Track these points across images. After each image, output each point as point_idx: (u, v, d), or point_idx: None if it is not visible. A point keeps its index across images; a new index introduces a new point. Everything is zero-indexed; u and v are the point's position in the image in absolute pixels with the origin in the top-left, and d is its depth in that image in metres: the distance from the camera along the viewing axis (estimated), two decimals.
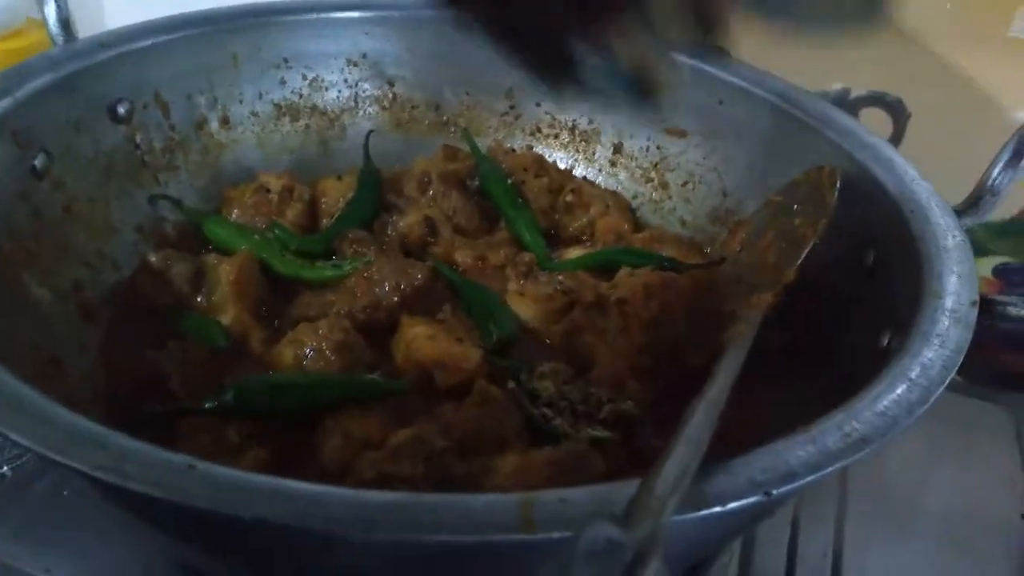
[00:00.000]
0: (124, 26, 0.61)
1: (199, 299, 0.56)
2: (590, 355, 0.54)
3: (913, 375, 0.36)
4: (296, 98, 0.71)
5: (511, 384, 0.51)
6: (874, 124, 0.79)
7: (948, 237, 0.46)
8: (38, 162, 0.53)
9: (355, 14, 0.70)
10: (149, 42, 0.61)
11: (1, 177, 0.50)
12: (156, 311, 0.56)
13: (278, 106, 0.70)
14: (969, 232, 0.53)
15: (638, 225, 0.69)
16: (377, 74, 0.73)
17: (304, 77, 0.70)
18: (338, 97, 0.73)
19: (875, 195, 0.52)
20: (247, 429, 0.46)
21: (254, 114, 0.69)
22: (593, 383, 0.52)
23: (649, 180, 0.72)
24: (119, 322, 0.55)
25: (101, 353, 0.52)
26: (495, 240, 0.65)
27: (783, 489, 0.29)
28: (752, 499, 0.29)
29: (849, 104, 0.80)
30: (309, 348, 0.50)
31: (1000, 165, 0.51)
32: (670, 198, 0.71)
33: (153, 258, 0.56)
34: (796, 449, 0.31)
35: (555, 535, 0.27)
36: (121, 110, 0.59)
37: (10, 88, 0.51)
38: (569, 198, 0.69)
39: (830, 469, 0.31)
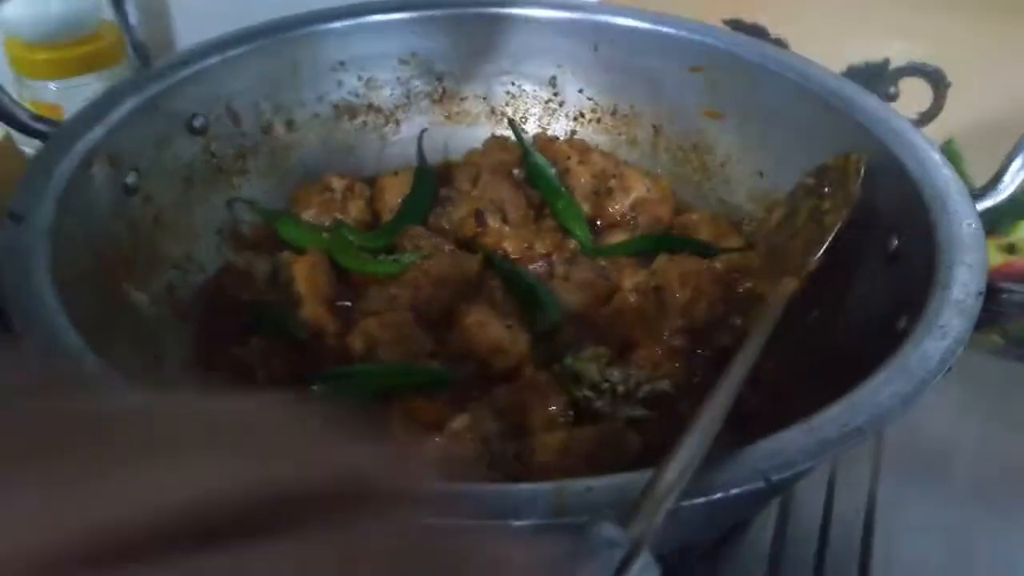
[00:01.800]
0: (194, 45, 0.66)
1: (278, 294, 0.62)
2: (630, 338, 0.59)
3: (911, 366, 0.39)
4: (353, 98, 0.76)
5: (557, 367, 0.56)
6: (915, 94, 0.80)
7: (963, 225, 0.48)
8: (129, 180, 0.59)
9: (402, 15, 0.74)
10: (218, 59, 0.66)
11: (99, 196, 0.56)
12: (241, 307, 0.62)
13: (337, 107, 0.75)
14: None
15: (679, 207, 0.73)
16: (427, 71, 0.77)
17: (359, 78, 0.75)
18: (391, 94, 0.77)
19: (899, 181, 0.55)
20: None
21: (315, 116, 0.74)
22: (633, 365, 0.57)
23: (688, 162, 0.75)
24: (208, 319, 0.62)
25: (195, 349, 0.59)
26: (542, 228, 0.69)
27: (782, 476, 0.34)
28: (754, 486, 0.34)
29: (889, 75, 0.81)
30: (376, 339, 0.56)
31: (1021, 149, 0.53)
32: (709, 179, 0.74)
33: (235, 259, 0.63)
34: (796, 439, 0.35)
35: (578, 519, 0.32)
36: (197, 123, 0.65)
37: (101, 116, 0.57)
38: (611, 183, 0.73)
39: (826, 457, 0.35)
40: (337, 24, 0.72)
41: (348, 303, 0.62)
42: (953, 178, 0.53)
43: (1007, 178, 0.53)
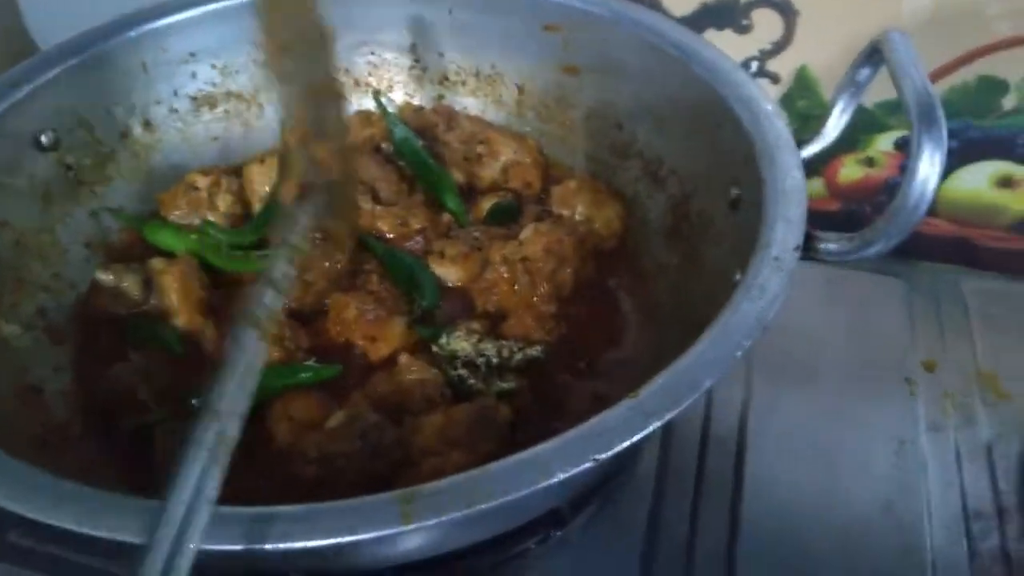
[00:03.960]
0: (27, 60, 0.64)
1: (152, 303, 0.63)
2: (504, 308, 0.62)
3: (729, 330, 0.43)
4: (210, 87, 0.75)
5: (434, 348, 0.59)
6: (767, 24, 0.83)
7: (787, 178, 0.51)
8: None
9: None
10: (57, 70, 0.64)
11: None
12: (116, 322, 0.63)
13: (194, 99, 0.74)
14: (862, 111, 0.55)
15: (550, 166, 0.75)
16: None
17: (214, 66, 0.74)
18: (250, 78, 0.76)
19: (736, 133, 0.58)
20: None
21: (173, 111, 0.73)
22: (507, 335, 0.60)
23: (553, 118, 0.76)
24: (86, 339, 0.62)
25: (74, 372, 0.60)
26: (414, 202, 0.71)
27: (610, 453, 0.37)
28: (586, 465, 0.37)
29: (741, 8, 0.83)
30: None
31: (840, 94, 0.56)
32: (573, 134, 0.76)
33: (101, 276, 0.63)
34: (621, 417, 0.39)
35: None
36: (45, 140, 0.64)
37: None
38: (480, 148, 0.74)
39: (648, 430, 0.38)
40: (181, 16, 0.71)
41: (224, 304, 0.63)
42: (783, 130, 0.56)
43: (831, 123, 0.56)
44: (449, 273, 0.65)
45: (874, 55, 0.53)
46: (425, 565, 0.57)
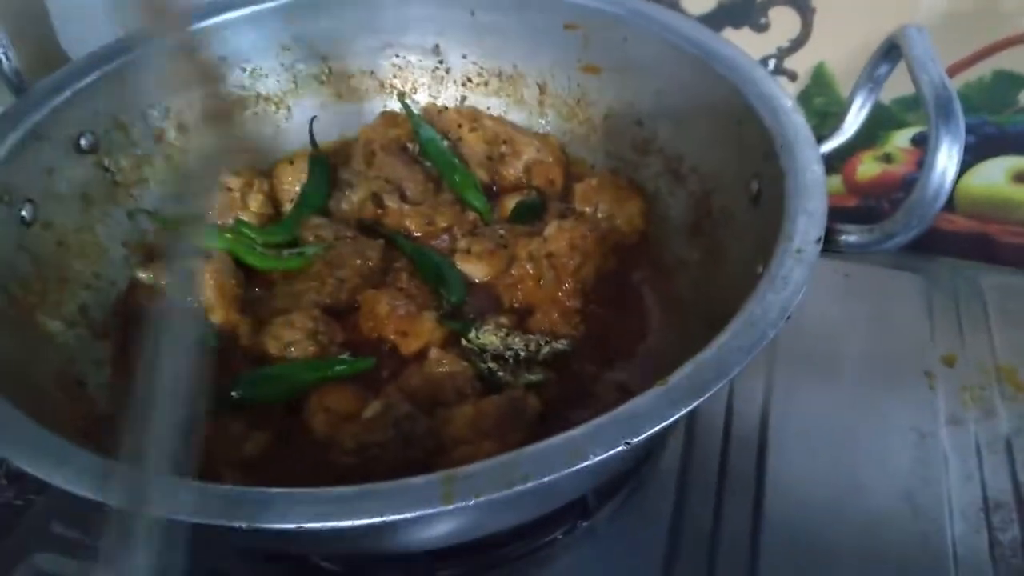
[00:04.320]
0: (68, 65, 0.66)
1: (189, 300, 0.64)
2: (530, 303, 0.63)
3: (755, 319, 0.44)
4: (240, 90, 0.77)
5: (464, 342, 0.60)
6: (784, 22, 0.84)
7: (807, 172, 0.53)
8: (25, 212, 0.60)
9: (276, 3, 0.75)
10: (96, 74, 0.66)
11: None
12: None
13: None
14: (880, 108, 0.56)
15: (571, 164, 0.76)
16: (310, 53, 0.78)
17: (243, 70, 0.76)
18: (278, 81, 0.78)
19: (756, 129, 0.59)
20: (248, 418, 0.56)
21: None
22: (533, 329, 0.61)
23: (574, 116, 0.78)
24: (125, 334, 0.64)
25: (114, 366, 0.62)
26: (441, 201, 0.72)
27: (641, 437, 0.39)
28: (618, 448, 0.39)
29: (758, 6, 0.84)
30: (287, 339, 0.59)
31: (859, 90, 0.57)
32: (595, 132, 0.77)
33: (141, 274, 0.65)
34: (650, 403, 0.40)
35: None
36: (84, 143, 0.66)
37: None
38: (503, 148, 0.75)
39: (676, 416, 0.40)
40: (212, 21, 0.73)
41: (258, 301, 0.65)
42: (802, 125, 0.57)
43: (849, 119, 0.57)
44: (475, 269, 0.66)
45: (891, 51, 0.54)
46: (454, 553, 0.59)
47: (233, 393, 0.56)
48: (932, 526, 0.60)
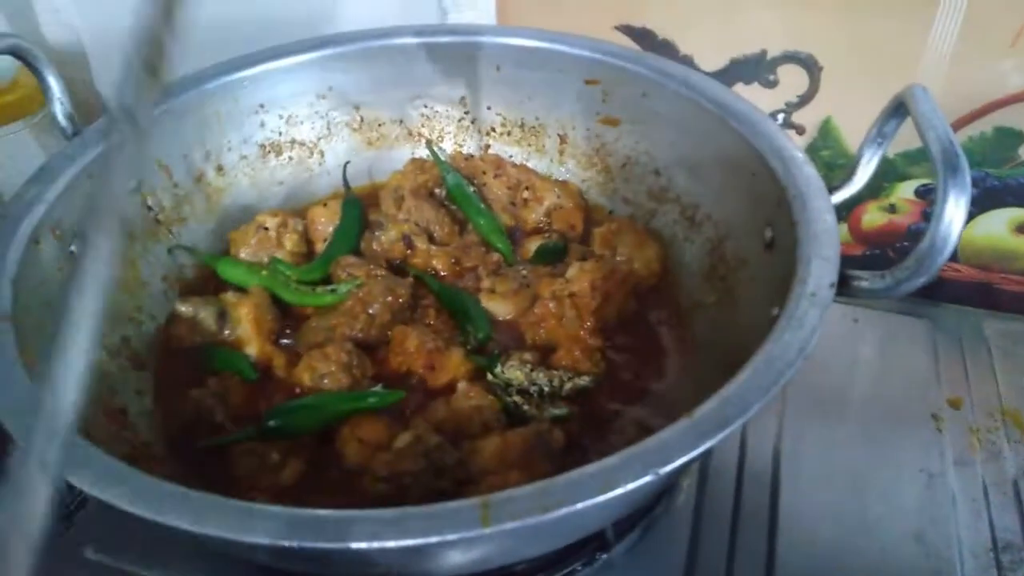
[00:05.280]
0: None
1: (226, 333, 0.67)
2: (553, 341, 0.66)
3: (774, 357, 0.47)
4: (276, 136, 0.81)
5: (489, 377, 0.63)
6: (793, 79, 0.88)
7: (820, 221, 0.56)
8: (74, 247, 0.63)
9: (314, 54, 0.79)
10: None
11: (49, 269, 0.60)
12: (191, 350, 0.67)
13: (262, 146, 0.80)
14: (885, 161, 0.60)
15: (590, 210, 0.80)
16: (344, 102, 0.82)
17: (280, 116, 0.80)
18: (313, 128, 0.82)
19: (768, 180, 0.62)
20: (283, 446, 0.58)
21: (243, 157, 0.79)
22: (555, 365, 0.64)
23: (593, 165, 0.82)
24: (164, 365, 0.67)
25: (155, 395, 0.64)
26: (466, 243, 0.76)
27: (669, 467, 0.41)
28: (648, 478, 0.41)
29: (767, 63, 0.89)
30: (322, 371, 0.61)
31: (868, 144, 0.60)
32: (612, 180, 0.81)
33: (181, 308, 0.68)
34: (678, 435, 0.43)
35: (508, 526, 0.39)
36: (131, 183, 0.69)
37: (41, 192, 0.62)
38: (525, 194, 0.79)
39: (703, 447, 0.42)
40: (253, 70, 0.77)
41: (291, 336, 0.68)
42: (814, 176, 0.60)
43: (859, 172, 0.61)
44: (499, 308, 0.69)
45: (899, 108, 0.57)
46: None
47: (270, 423, 0.58)
48: (944, 565, 0.62)
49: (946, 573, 0.62)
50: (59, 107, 0.68)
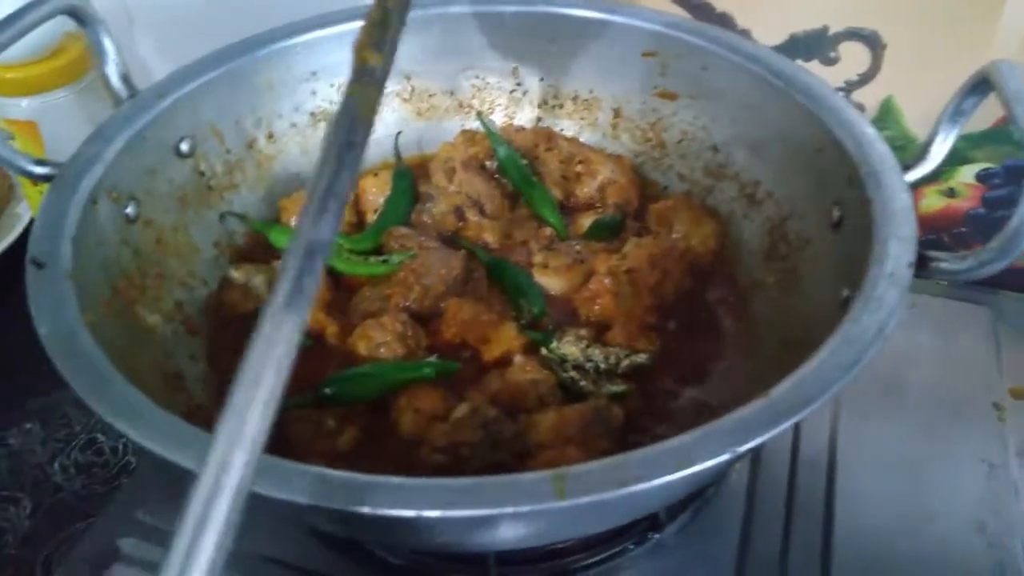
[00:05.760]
0: (172, 73, 0.69)
1: None
2: (608, 317, 0.65)
3: (852, 338, 0.45)
4: (327, 104, 0.79)
5: (544, 351, 0.62)
6: (854, 56, 0.86)
7: (896, 200, 0.54)
8: (130, 209, 0.63)
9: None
10: (197, 83, 0.69)
11: (106, 230, 0.60)
12: (244, 316, 0.67)
13: (313, 114, 0.79)
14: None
15: (644, 186, 0.78)
16: (395, 71, 0.80)
17: (332, 85, 0.79)
18: None
19: (838, 157, 0.60)
20: (339, 413, 0.58)
21: (293, 125, 0.78)
22: (611, 342, 0.63)
23: (648, 140, 0.80)
24: (216, 331, 0.66)
25: (208, 360, 0.64)
26: (517, 217, 0.74)
27: (747, 446, 0.40)
28: (725, 456, 0.40)
29: (829, 40, 0.86)
30: (377, 341, 0.61)
31: (944, 121, 0.58)
32: (668, 155, 0.79)
33: (234, 274, 0.67)
34: (757, 412, 0.41)
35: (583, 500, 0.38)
36: (184, 147, 0.69)
37: (98, 154, 0.61)
38: (578, 168, 0.77)
39: (781, 427, 0.41)
40: (306, 36, 0.76)
41: (343, 304, 0.67)
42: (887, 153, 0.58)
43: (933, 150, 0.59)
44: (552, 283, 0.68)
45: (980, 84, 0.55)
46: (522, 559, 0.61)
47: (326, 390, 0.58)
48: (1006, 555, 0.61)
49: (1009, 563, 0.61)
50: (114, 69, 0.67)
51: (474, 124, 0.82)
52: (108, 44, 0.67)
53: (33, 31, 0.81)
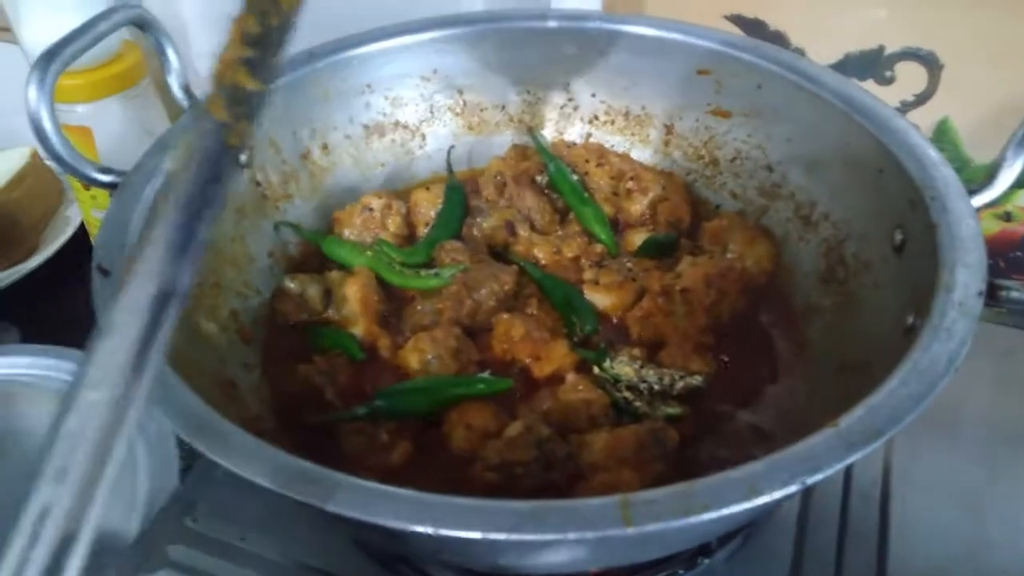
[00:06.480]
0: None
1: (331, 312, 0.67)
2: (661, 337, 0.64)
3: (922, 368, 0.44)
4: (381, 117, 0.80)
5: (596, 371, 0.61)
6: (910, 76, 0.85)
7: (963, 225, 0.53)
8: None
9: (423, 36, 0.78)
10: None
11: None
12: (296, 326, 0.68)
13: (366, 127, 0.80)
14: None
15: (695, 204, 0.78)
16: (448, 85, 0.81)
17: (385, 98, 0.79)
18: (416, 110, 0.82)
19: (899, 179, 0.59)
20: (391, 427, 0.58)
21: (347, 137, 0.79)
22: (664, 362, 0.62)
23: (700, 158, 0.80)
24: (270, 340, 0.67)
25: (262, 370, 0.64)
26: (568, 232, 0.74)
27: (817, 477, 0.39)
28: (794, 487, 0.39)
29: (885, 60, 0.85)
30: (430, 355, 0.61)
31: (1013, 145, 0.57)
32: (720, 173, 0.78)
33: (289, 284, 0.68)
34: (826, 443, 0.41)
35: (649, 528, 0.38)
36: (243, 158, 0.70)
37: (161, 162, 0.62)
38: (629, 184, 0.77)
39: (852, 458, 0.40)
40: (362, 50, 0.76)
41: (396, 316, 0.67)
42: (952, 177, 0.57)
43: (1001, 176, 0.57)
44: (603, 300, 0.68)
45: None
46: None
47: (379, 403, 0.58)
48: None
49: None
50: (175, 78, 0.68)
51: (525, 139, 0.83)
52: (172, 54, 0.68)
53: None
